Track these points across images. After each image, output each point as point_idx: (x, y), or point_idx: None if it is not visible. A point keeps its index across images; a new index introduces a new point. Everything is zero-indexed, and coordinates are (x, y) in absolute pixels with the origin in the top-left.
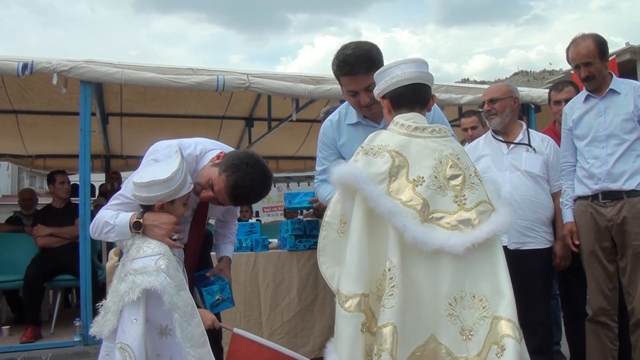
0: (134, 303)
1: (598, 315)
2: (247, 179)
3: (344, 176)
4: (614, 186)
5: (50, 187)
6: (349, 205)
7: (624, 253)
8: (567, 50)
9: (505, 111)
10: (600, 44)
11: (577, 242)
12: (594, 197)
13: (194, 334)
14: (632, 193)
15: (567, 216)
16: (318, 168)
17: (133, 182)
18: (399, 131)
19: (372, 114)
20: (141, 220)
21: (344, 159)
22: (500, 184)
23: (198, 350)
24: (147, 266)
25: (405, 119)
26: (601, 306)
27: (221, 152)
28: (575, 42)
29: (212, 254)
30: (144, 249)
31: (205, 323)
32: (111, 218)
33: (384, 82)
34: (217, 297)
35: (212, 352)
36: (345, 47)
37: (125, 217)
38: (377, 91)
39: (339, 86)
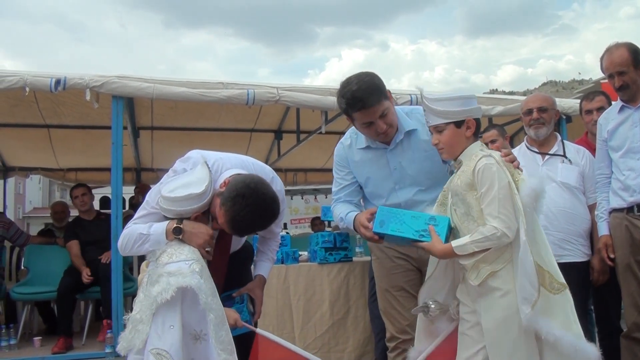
0: (170, 309)
1: (633, 331)
2: (243, 214)
3: (540, 189)
4: None
5: (73, 202)
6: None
7: None
8: (601, 59)
9: (551, 122)
10: (634, 52)
11: (612, 256)
12: (629, 209)
13: (224, 339)
14: None
15: (602, 229)
16: (335, 188)
17: (163, 196)
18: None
19: (386, 138)
20: (182, 226)
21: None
22: None
23: (226, 356)
24: (181, 268)
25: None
26: (636, 321)
27: (226, 179)
28: (609, 51)
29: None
30: (177, 254)
31: (229, 322)
32: (145, 229)
33: (476, 107)
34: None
35: None
36: (348, 84)
37: (161, 226)
38: (467, 113)
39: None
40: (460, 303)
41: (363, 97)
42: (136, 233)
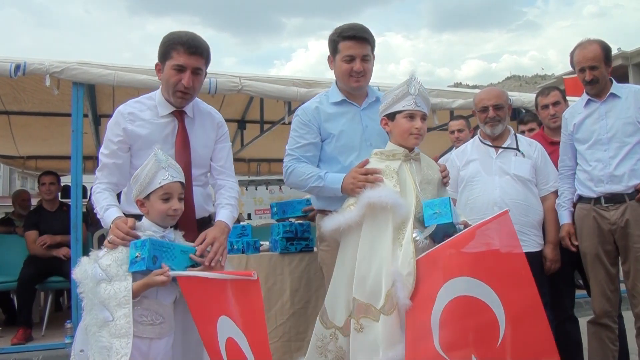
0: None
1: (601, 318)
2: (177, 33)
3: None
4: (617, 188)
5: (39, 189)
6: None
7: (627, 257)
8: (572, 53)
9: (506, 118)
10: (605, 49)
11: (575, 243)
12: (596, 200)
13: (117, 324)
14: (634, 195)
15: (564, 217)
16: (291, 146)
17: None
18: None
19: (356, 94)
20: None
21: (322, 140)
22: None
23: (112, 339)
24: (94, 256)
25: None
26: (604, 309)
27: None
28: (581, 45)
29: None
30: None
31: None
32: (101, 209)
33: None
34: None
35: (130, 345)
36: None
37: (110, 216)
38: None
39: (330, 89)
40: None
41: (357, 29)
42: (97, 206)
